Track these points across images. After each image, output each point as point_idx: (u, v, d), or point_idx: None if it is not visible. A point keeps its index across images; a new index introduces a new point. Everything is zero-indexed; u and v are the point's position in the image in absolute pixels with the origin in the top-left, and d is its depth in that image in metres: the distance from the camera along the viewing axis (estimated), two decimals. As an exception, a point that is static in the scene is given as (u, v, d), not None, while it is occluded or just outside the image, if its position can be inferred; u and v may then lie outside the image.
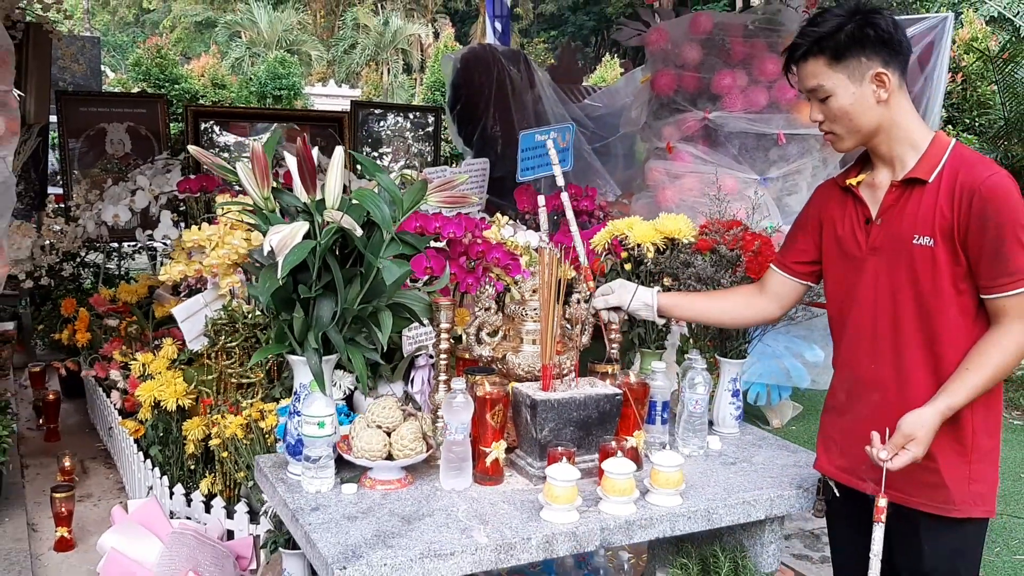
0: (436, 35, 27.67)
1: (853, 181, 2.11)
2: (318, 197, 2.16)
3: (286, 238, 2.04)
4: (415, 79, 26.91)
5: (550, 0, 26.42)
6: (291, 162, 2.28)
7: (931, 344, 1.98)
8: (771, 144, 4.93)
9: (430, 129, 8.08)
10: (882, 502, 1.92)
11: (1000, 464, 2.04)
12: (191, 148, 2.29)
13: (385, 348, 2.30)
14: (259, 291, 2.11)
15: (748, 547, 2.41)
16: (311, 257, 2.09)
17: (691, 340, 2.79)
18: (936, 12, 7.29)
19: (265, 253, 2.09)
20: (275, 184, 2.22)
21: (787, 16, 4.97)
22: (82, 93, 7.28)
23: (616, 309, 2.52)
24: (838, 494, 2.19)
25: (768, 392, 5.17)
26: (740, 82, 4.97)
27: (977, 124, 8.85)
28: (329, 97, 20.10)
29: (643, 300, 2.47)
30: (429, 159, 7.89)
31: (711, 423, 2.71)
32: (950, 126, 8.81)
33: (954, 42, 10.60)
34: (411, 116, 8.18)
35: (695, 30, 4.94)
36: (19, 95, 3.15)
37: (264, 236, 2.12)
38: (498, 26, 9.42)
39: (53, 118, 7.00)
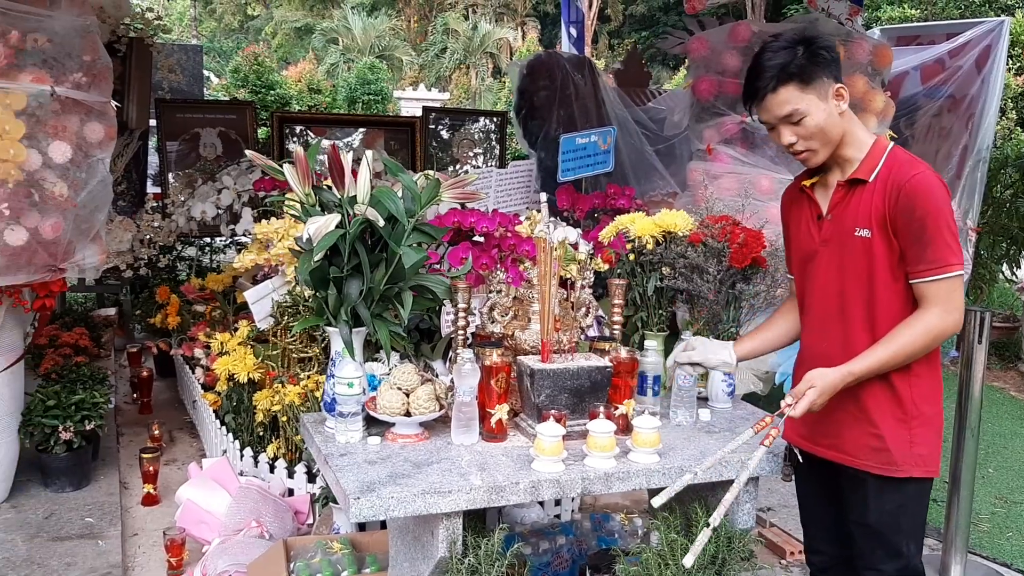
0: (525, 38, 28.09)
1: (807, 183, 2.38)
2: (350, 194, 2.55)
3: (321, 227, 2.45)
4: (503, 82, 27.37)
5: (640, 1, 26.57)
6: (347, 163, 2.67)
7: (871, 324, 2.25)
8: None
9: (496, 132, 8.44)
10: (776, 430, 2.21)
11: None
12: (248, 152, 2.71)
13: (406, 323, 2.68)
14: (300, 271, 2.52)
15: (726, 506, 2.71)
16: (342, 243, 2.49)
17: (690, 324, 3.09)
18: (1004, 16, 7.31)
19: (304, 240, 2.50)
20: (316, 183, 2.63)
21: (823, 25, 5.17)
22: (178, 100, 7.87)
23: (696, 364, 2.65)
24: (802, 460, 2.46)
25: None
26: (779, 87, 5.17)
27: (1053, 125, 8.72)
28: (418, 100, 20.67)
29: (722, 359, 2.60)
30: (494, 161, 8.25)
31: (707, 399, 3.02)
32: (1020, 128, 8.75)
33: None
34: (479, 120, 8.57)
35: (734, 39, 5.18)
36: (116, 105, 3.63)
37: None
38: (573, 31, 9.72)
39: (153, 122, 7.65)
